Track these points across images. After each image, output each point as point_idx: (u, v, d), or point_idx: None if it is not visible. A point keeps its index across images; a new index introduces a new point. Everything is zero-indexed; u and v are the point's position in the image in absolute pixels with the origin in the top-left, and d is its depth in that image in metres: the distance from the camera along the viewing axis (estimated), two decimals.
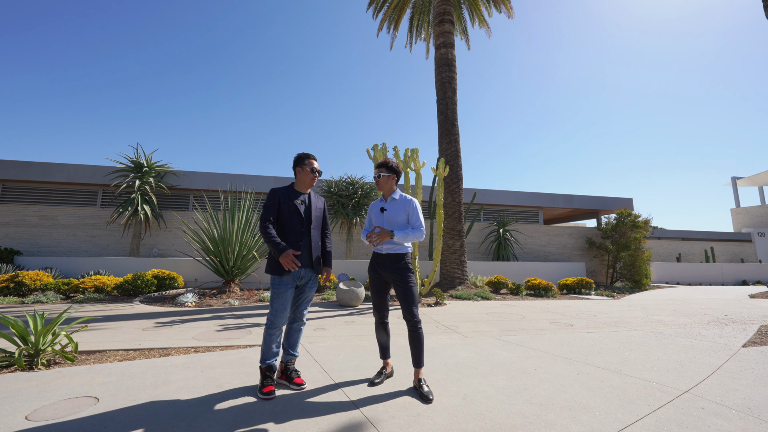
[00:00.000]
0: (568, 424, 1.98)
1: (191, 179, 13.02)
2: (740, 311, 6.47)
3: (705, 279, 15.76)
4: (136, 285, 7.55)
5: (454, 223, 9.84)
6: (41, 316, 3.15)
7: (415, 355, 2.50)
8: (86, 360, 3.14)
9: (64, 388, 2.46)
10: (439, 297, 7.19)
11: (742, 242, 21.63)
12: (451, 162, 9.91)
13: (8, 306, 6.22)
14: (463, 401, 2.28)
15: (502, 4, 12.13)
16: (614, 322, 5.33)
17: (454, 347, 3.67)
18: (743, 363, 3.17)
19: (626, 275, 13.29)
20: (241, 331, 4.30)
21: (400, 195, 2.72)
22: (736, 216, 30.14)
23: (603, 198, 17.52)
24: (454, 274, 9.64)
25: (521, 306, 7.12)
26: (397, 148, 7.45)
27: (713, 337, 4.21)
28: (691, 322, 5.33)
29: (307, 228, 2.62)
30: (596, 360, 3.23)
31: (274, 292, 2.51)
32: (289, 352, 2.65)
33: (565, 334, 4.36)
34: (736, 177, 32.31)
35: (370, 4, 12.79)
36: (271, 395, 2.32)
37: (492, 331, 4.55)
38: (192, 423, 1.97)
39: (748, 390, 2.50)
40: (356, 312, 6.07)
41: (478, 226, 15.27)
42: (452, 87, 10.36)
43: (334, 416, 2.07)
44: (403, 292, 2.53)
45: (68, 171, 12.19)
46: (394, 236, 2.48)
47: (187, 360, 3.15)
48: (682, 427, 1.96)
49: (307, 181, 2.66)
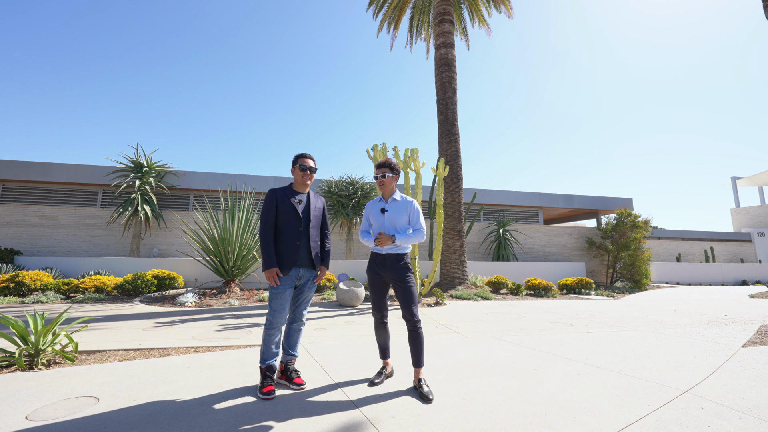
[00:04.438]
0: (568, 424, 1.98)
1: (191, 179, 13.02)
2: (740, 311, 6.47)
3: (705, 279, 15.75)
4: (136, 285, 7.55)
5: (454, 223, 9.84)
6: (41, 316, 3.15)
7: (415, 355, 2.50)
8: (86, 360, 3.14)
9: (64, 388, 2.46)
10: (439, 297, 7.19)
11: (742, 242, 21.62)
12: (451, 162, 9.91)
13: (8, 306, 6.22)
14: (463, 401, 2.28)
15: (502, 4, 12.13)
16: (614, 322, 5.33)
17: (454, 347, 3.67)
18: (743, 363, 3.17)
19: (626, 275, 13.29)
20: (241, 331, 4.31)
21: (401, 196, 2.72)
22: (736, 216, 30.13)
23: (603, 198, 17.52)
24: (454, 274, 9.64)
25: (521, 306, 7.12)
26: (397, 148, 7.45)
27: (713, 337, 4.21)
28: (691, 322, 5.33)
29: (305, 227, 2.62)
30: (596, 360, 3.23)
31: (272, 292, 2.52)
32: (289, 352, 2.65)
33: (565, 334, 4.36)
34: (736, 177, 32.29)
35: (370, 4, 12.79)
36: (271, 395, 2.32)
37: (492, 331, 4.55)
38: (192, 423, 1.97)
39: (748, 390, 2.50)
40: (356, 312, 6.07)
41: (478, 226, 15.28)
42: (452, 87, 10.36)
43: (334, 416, 2.07)
44: (402, 292, 2.53)
45: (68, 171, 12.19)
46: (395, 240, 2.49)
47: (187, 360, 3.15)
48: (682, 427, 1.96)
49: (300, 179, 2.67)
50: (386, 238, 2.48)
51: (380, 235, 2.51)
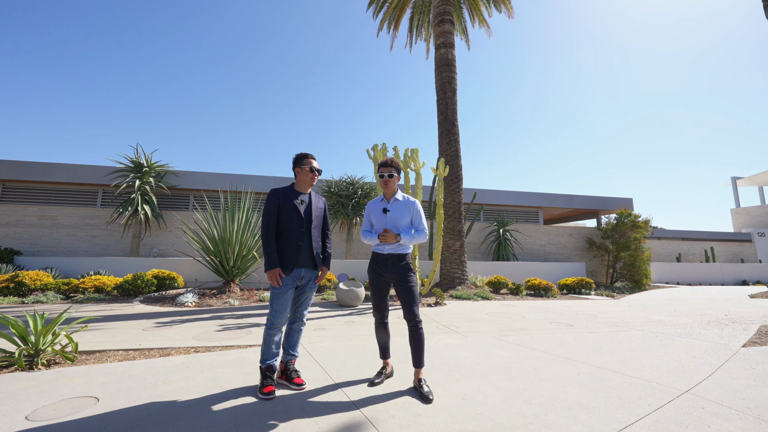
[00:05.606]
0: (568, 424, 1.98)
1: (191, 179, 13.02)
2: (740, 311, 6.47)
3: (705, 279, 15.75)
4: (136, 285, 7.55)
5: (454, 223, 9.84)
6: (41, 316, 3.15)
7: (415, 355, 2.50)
8: (86, 360, 3.14)
9: (64, 388, 2.46)
10: (439, 297, 7.19)
11: (742, 242, 21.63)
12: (451, 162, 9.91)
13: (8, 306, 6.21)
14: (463, 401, 2.28)
15: (502, 4, 12.13)
16: (614, 322, 5.33)
17: (454, 347, 3.67)
18: (743, 363, 3.17)
19: (626, 275, 13.29)
20: (241, 331, 4.31)
21: (403, 196, 2.71)
22: (736, 216, 30.14)
23: (603, 198, 17.52)
24: (454, 274, 9.64)
25: (521, 306, 7.12)
26: (397, 148, 7.45)
27: (713, 337, 4.21)
28: (691, 322, 5.33)
29: (307, 228, 2.62)
30: (596, 360, 3.23)
31: (273, 292, 2.51)
32: (289, 353, 2.65)
33: (565, 334, 4.36)
34: (736, 177, 32.31)
35: (370, 4, 12.79)
36: (271, 395, 2.32)
37: (492, 331, 4.55)
38: (192, 423, 1.97)
39: (748, 390, 2.50)
40: (356, 312, 6.07)
41: (478, 226, 15.27)
42: (452, 87, 10.36)
43: (334, 416, 2.07)
44: (404, 292, 2.53)
45: (68, 171, 12.19)
46: (400, 239, 2.49)
47: (187, 360, 3.15)
48: (682, 427, 1.96)
49: (306, 180, 2.66)
50: (392, 235, 2.47)
51: (386, 231, 2.49)
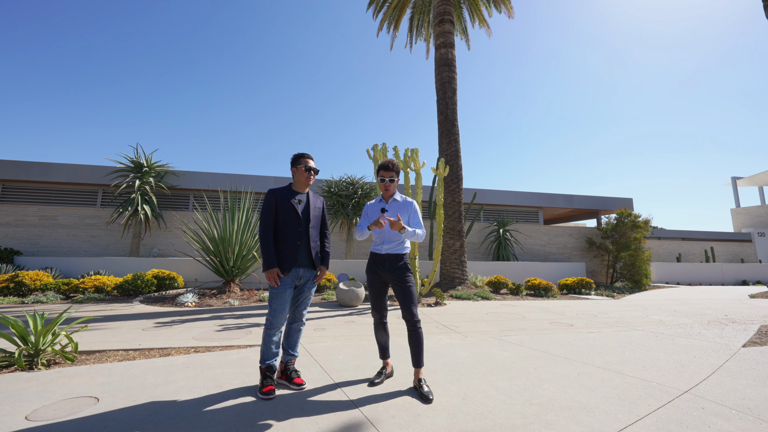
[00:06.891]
0: (568, 424, 1.98)
1: (191, 179, 13.02)
2: (740, 311, 6.47)
3: (705, 279, 15.75)
4: (136, 285, 7.55)
5: (454, 223, 9.84)
6: (41, 316, 3.15)
7: (415, 355, 2.50)
8: (86, 360, 3.14)
9: (64, 388, 2.46)
10: (439, 297, 7.19)
11: (742, 242, 21.62)
12: (451, 162, 9.91)
13: (8, 306, 6.22)
14: (463, 401, 2.28)
15: (502, 4, 12.13)
16: (614, 322, 5.33)
17: (454, 347, 3.67)
18: (743, 363, 3.17)
19: (626, 275, 13.29)
20: (241, 331, 4.30)
21: (401, 197, 2.74)
22: (736, 216, 30.13)
23: (603, 198, 17.52)
24: (454, 274, 9.63)
25: (521, 306, 7.12)
26: (397, 148, 7.45)
27: (713, 337, 4.21)
28: (691, 322, 5.33)
29: (305, 227, 2.62)
30: (596, 360, 3.23)
31: (272, 292, 2.51)
32: (289, 353, 2.65)
33: (565, 334, 4.36)
34: (736, 177, 32.30)
35: (370, 4, 12.79)
36: (271, 395, 2.32)
37: (492, 331, 4.55)
38: (192, 423, 1.97)
39: (749, 390, 2.50)
40: (356, 312, 6.07)
41: (478, 226, 15.27)
42: (452, 87, 10.36)
43: (334, 416, 2.07)
44: (402, 292, 2.53)
45: (68, 171, 12.19)
46: (406, 230, 2.45)
47: (187, 360, 3.15)
48: (683, 427, 1.96)
49: (303, 180, 2.66)
50: (399, 224, 2.42)
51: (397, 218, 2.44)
